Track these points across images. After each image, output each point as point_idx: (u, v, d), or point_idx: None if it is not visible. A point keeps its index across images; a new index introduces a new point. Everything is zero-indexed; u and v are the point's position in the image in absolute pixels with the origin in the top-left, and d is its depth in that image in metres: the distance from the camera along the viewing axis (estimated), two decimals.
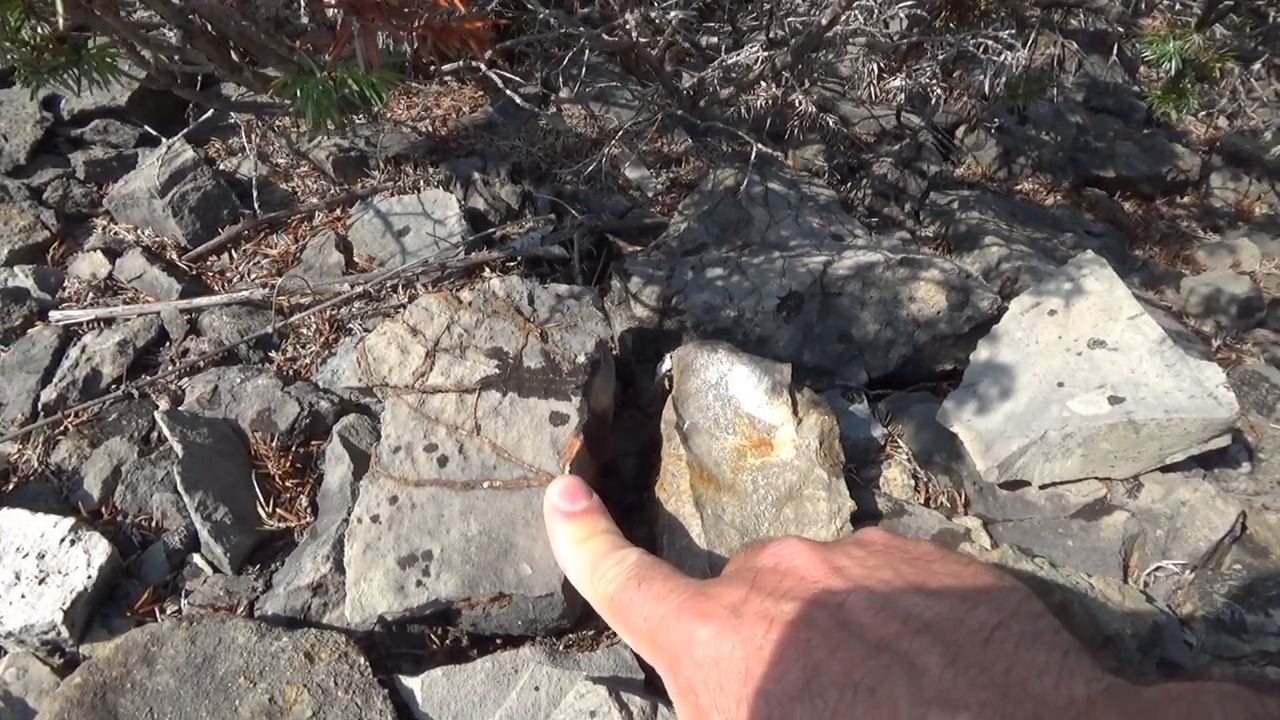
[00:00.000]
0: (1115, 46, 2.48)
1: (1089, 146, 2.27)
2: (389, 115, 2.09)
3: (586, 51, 1.60)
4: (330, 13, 0.88)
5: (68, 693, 0.91)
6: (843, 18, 1.26)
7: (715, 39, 1.92)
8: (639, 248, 1.60)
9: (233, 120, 1.86)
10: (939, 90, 1.63)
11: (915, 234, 1.86)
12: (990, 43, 1.51)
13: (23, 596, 1.00)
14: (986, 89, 1.61)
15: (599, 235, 1.66)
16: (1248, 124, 2.46)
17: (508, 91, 1.62)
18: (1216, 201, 2.36)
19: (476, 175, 1.82)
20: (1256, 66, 1.95)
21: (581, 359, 1.12)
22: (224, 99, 1.82)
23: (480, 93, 2.19)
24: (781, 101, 1.68)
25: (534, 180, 1.86)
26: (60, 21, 0.69)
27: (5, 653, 1.01)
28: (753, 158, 1.57)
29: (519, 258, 1.59)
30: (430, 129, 2.05)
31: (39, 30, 0.81)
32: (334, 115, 0.80)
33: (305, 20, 0.84)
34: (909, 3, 1.44)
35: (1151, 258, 2.09)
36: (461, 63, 1.68)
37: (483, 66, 1.65)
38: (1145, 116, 2.42)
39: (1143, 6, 1.80)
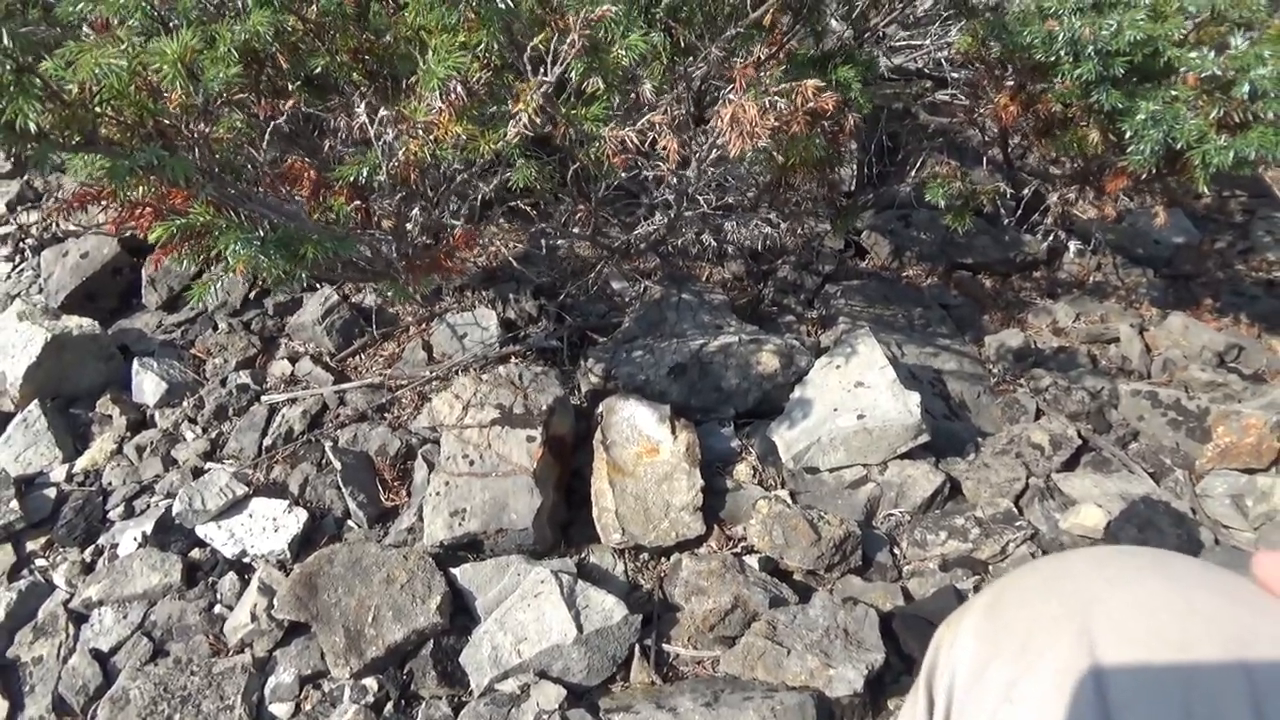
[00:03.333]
0: (985, 159, 3.35)
1: (955, 241, 3.13)
2: (459, 254, 3.14)
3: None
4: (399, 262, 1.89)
5: (292, 578, 1.90)
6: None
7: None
8: (605, 338, 2.56)
9: None
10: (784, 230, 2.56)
11: (801, 316, 2.77)
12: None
13: (269, 536, 2.02)
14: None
15: (582, 332, 2.64)
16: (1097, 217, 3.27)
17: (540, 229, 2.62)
18: (1064, 275, 3.17)
19: (511, 295, 2.83)
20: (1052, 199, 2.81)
21: (544, 407, 2.09)
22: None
23: (530, 234, 3.22)
24: (696, 241, 2.64)
25: (549, 295, 2.86)
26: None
27: (263, 565, 2.02)
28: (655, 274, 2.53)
29: (531, 349, 2.57)
30: (486, 262, 3.09)
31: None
32: (407, 298, 1.81)
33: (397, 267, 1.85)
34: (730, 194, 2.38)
35: (991, 321, 2.93)
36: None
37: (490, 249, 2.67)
38: (1012, 218, 3.25)
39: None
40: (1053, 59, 2.00)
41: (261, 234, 1.61)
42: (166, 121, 1.43)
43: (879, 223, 3.23)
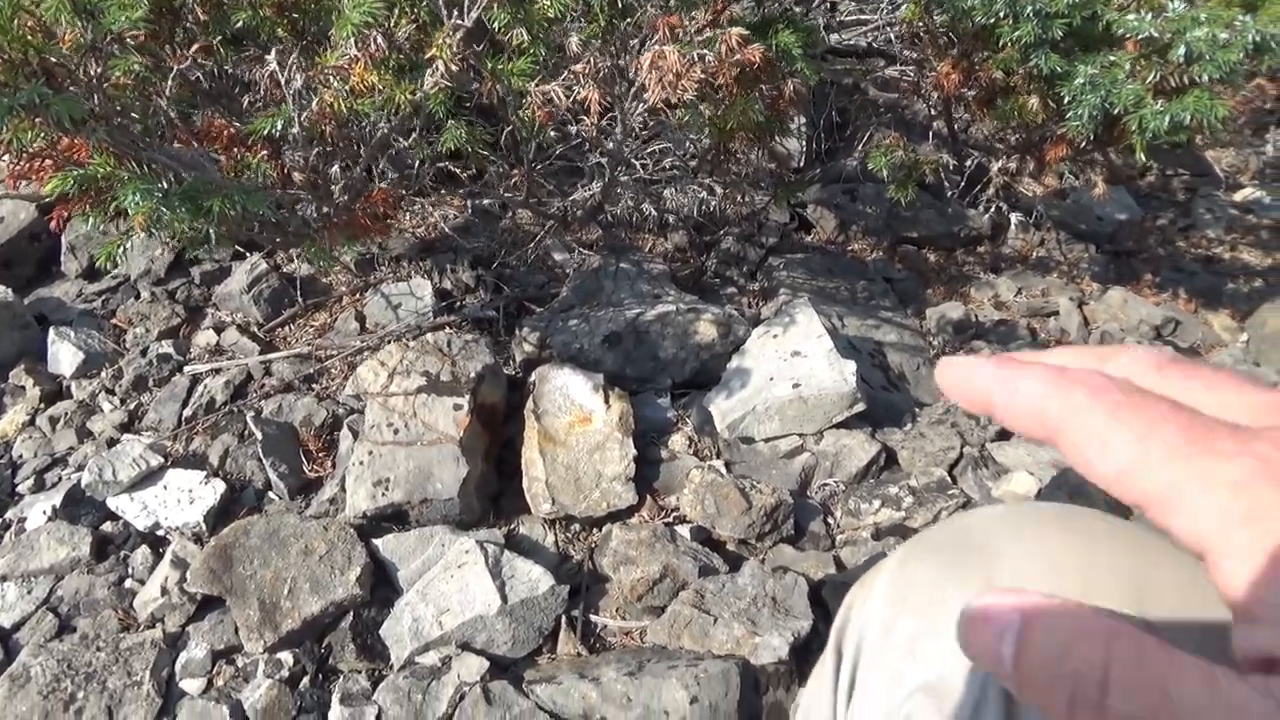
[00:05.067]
0: (930, 133, 3.33)
1: (900, 215, 3.11)
2: (397, 226, 3.06)
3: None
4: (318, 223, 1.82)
5: (206, 551, 1.83)
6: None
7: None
8: (542, 309, 2.50)
9: None
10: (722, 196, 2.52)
11: (743, 288, 2.73)
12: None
13: (183, 508, 1.94)
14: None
15: (520, 302, 2.58)
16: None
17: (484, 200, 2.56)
18: (1007, 250, 3.17)
19: (448, 266, 2.76)
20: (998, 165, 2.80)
21: (472, 375, 2.03)
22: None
23: (466, 201, 3.14)
24: (636, 209, 2.59)
25: (487, 265, 2.79)
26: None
27: (177, 538, 1.95)
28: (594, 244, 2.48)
29: (467, 320, 2.51)
30: (425, 233, 3.01)
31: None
32: (327, 261, 1.74)
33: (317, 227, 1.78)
34: (671, 154, 2.34)
35: (935, 294, 2.92)
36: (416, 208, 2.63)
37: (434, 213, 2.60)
38: (955, 190, 3.25)
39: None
40: (992, 21, 1.97)
41: (166, 186, 1.53)
42: (55, 60, 1.35)
43: (825, 196, 3.20)
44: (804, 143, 3.36)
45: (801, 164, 3.36)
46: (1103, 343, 2.62)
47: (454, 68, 1.41)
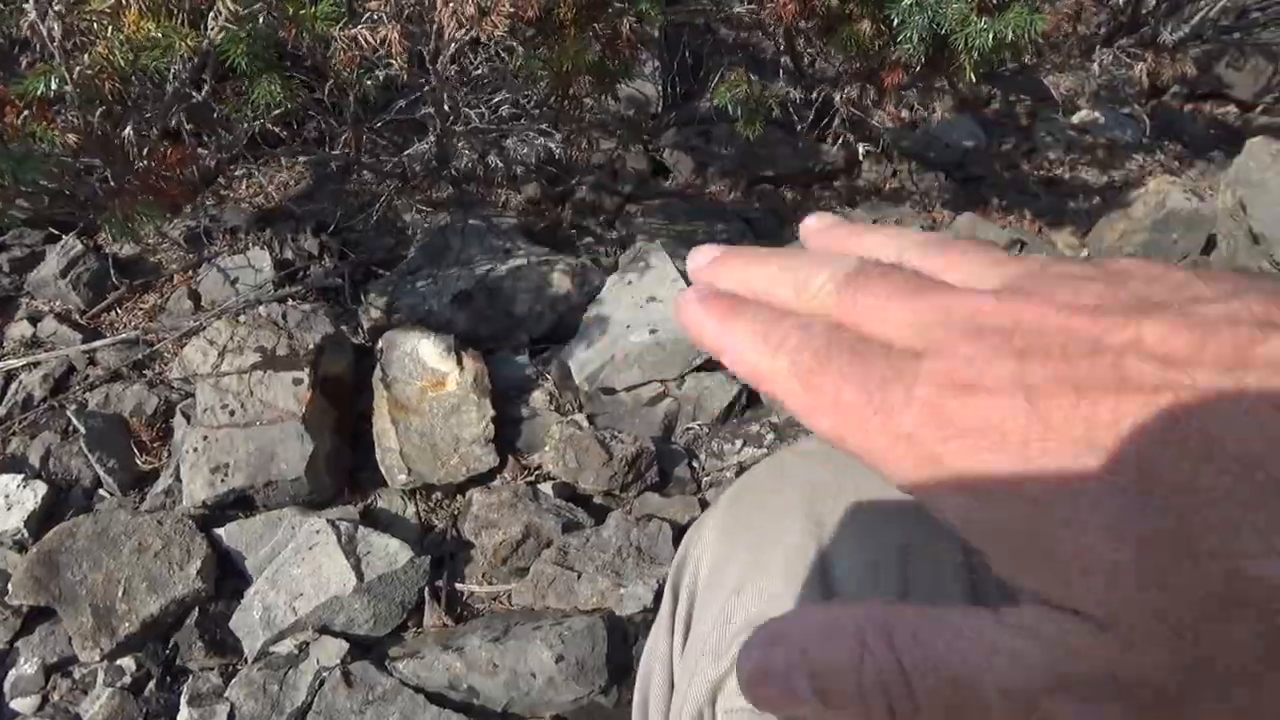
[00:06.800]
0: (780, 70, 3.32)
1: (756, 154, 3.10)
2: (232, 195, 2.87)
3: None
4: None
5: (29, 559, 1.68)
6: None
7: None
8: (390, 273, 2.39)
9: None
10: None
11: (601, 238, 2.68)
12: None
13: (1, 515, 1.78)
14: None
15: (367, 268, 2.45)
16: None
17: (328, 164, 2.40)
18: (862, 183, 3.20)
19: (289, 235, 2.60)
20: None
21: (311, 346, 1.92)
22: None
23: (301, 163, 2.97)
24: (481, 162, 2.50)
25: (331, 231, 2.65)
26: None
27: None
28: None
29: (311, 290, 2.37)
30: (263, 202, 2.83)
31: None
32: (127, 234, 1.59)
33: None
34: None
35: (793, 232, 2.92)
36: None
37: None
38: (805, 125, 3.25)
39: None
40: None
41: None
42: None
43: (681, 140, 3.16)
44: (660, 87, 3.30)
45: (659, 109, 3.30)
46: None
47: (235, 8, 1.29)
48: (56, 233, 2.52)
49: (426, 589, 1.72)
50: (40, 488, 1.84)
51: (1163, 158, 3.43)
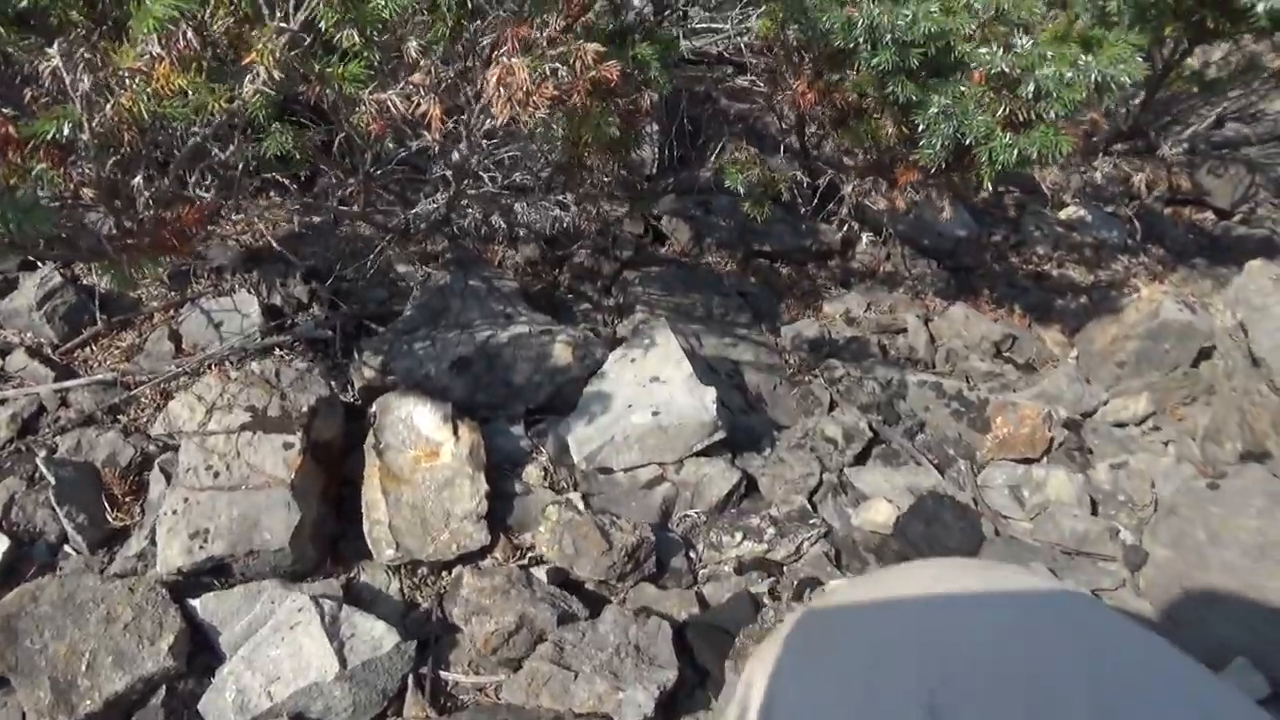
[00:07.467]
0: (782, 147, 3.34)
1: (753, 228, 3.10)
2: (218, 231, 2.78)
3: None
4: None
5: None
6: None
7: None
8: (383, 328, 2.32)
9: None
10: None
11: (597, 304, 2.64)
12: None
13: None
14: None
15: (359, 320, 2.38)
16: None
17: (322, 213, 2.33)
18: (856, 264, 3.22)
19: (278, 279, 2.52)
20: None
21: (305, 409, 1.84)
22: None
23: (297, 209, 2.89)
24: (484, 222, 2.45)
25: (322, 279, 2.57)
26: None
27: None
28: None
29: (299, 340, 2.29)
30: (250, 242, 2.75)
31: None
32: (125, 284, 1.51)
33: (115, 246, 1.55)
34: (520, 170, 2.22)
35: (788, 309, 2.91)
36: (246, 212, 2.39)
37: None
38: (809, 207, 3.26)
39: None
40: (851, 45, 1.95)
41: None
42: None
43: (679, 208, 3.15)
44: (656, 150, 3.30)
45: (654, 171, 3.29)
46: (949, 360, 2.69)
47: (277, 74, 1.24)
48: (32, 261, 2.41)
49: (410, 675, 1.63)
50: (1, 541, 1.73)
51: (1146, 260, 3.50)
